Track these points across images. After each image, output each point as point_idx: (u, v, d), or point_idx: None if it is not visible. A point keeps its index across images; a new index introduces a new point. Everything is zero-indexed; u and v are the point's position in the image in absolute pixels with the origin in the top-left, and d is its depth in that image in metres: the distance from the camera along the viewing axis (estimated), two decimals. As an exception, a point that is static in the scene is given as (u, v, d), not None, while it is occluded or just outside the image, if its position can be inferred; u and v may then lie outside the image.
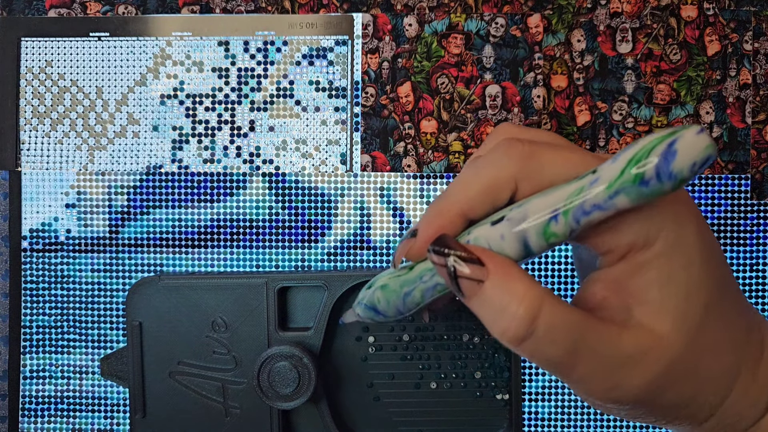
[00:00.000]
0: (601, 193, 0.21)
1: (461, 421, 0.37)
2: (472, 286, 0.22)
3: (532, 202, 0.22)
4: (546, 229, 0.21)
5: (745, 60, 0.41)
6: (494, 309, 0.21)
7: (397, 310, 0.24)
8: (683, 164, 0.19)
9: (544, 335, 0.21)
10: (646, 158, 0.20)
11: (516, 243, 0.22)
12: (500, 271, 0.21)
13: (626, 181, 0.20)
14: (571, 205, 0.21)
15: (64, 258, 0.42)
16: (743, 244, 0.41)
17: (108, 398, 0.42)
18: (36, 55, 0.42)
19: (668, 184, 0.20)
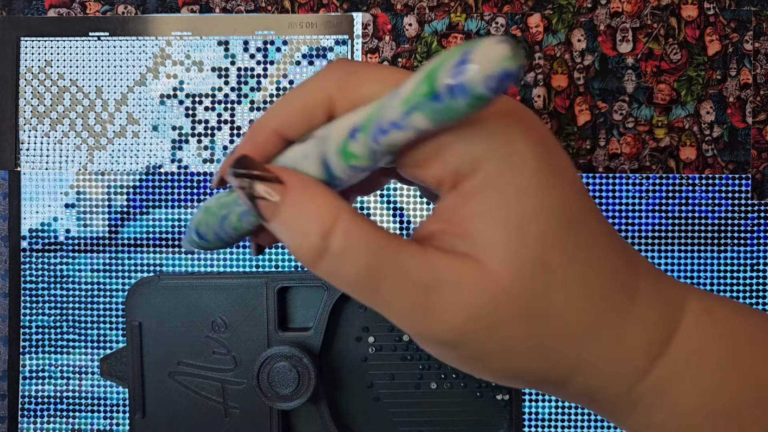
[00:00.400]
0: (397, 108, 0.18)
1: (461, 421, 0.37)
2: (270, 206, 0.20)
3: (338, 121, 0.20)
4: (345, 149, 0.20)
5: (745, 60, 0.41)
6: (290, 228, 0.20)
7: (216, 234, 0.23)
8: (476, 78, 0.16)
9: (340, 251, 0.19)
10: (439, 71, 0.17)
11: (317, 163, 0.20)
12: (298, 189, 0.20)
13: (419, 95, 0.18)
14: (369, 121, 0.19)
15: (64, 258, 0.42)
16: (744, 244, 0.41)
17: (107, 398, 0.42)
18: (35, 54, 0.42)
19: (462, 101, 0.17)
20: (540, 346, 0.20)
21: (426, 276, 0.19)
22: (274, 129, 0.22)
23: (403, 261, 0.19)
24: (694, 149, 0.41)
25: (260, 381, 0.35)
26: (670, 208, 0.41)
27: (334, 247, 0.19)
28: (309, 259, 0.20)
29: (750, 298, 0.41)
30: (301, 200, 0.20)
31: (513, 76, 0.17)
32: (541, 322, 0.20)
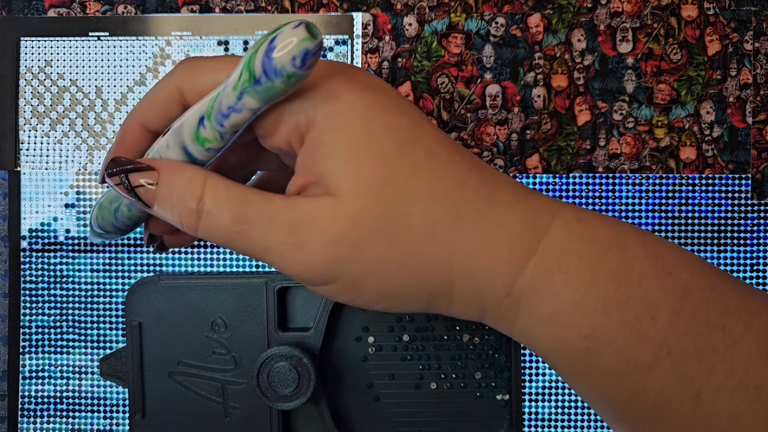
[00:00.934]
0: (230, 95, 0.21)
1: (461, 421, 0.37)
2: (148, 192, 0.23)
3: (188, 111, 0.23)
4: (198, 135, 0.23)
5: (745, 60, 0.41)
6: (170, 203, 0.23)
7: (114, 226, 0.26)
8: (284, 59, 0.20)
9: (212, 208, 0.22)
10: (254, 57, 0.20)
11: (178, 150, 0.23)
12: (168, 170, 0.23)
13: (243, 81, 0.21)
14: (212, 109, 0.22)
15: (64, 258, 0.42)
16: (744, 244, 0.41)
17: (107, 398, 0.42)
18: (35, 54, 0.42)
19: (278, 81, 0.20)
20: (408, 257, 0.22)
21: (289, 215, 0.22)
22: (139, 123, 0.25)
23: (267, 207, 0.22)
24: (694, 149, 0.41)
25: (260, 381, 0.35)
26: (670, 208, 0.41)
27: (206, 206, 0.22)
28: (191, 223, 0.23)
29: (750, 298, 0.41)
30: (173, 177, 0.23)
31: (314, 53, 0.20)
32: (401, 235, 0.22)
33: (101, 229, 0.26)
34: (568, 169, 0.42)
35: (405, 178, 0.22)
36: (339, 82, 0.22)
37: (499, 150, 0.42)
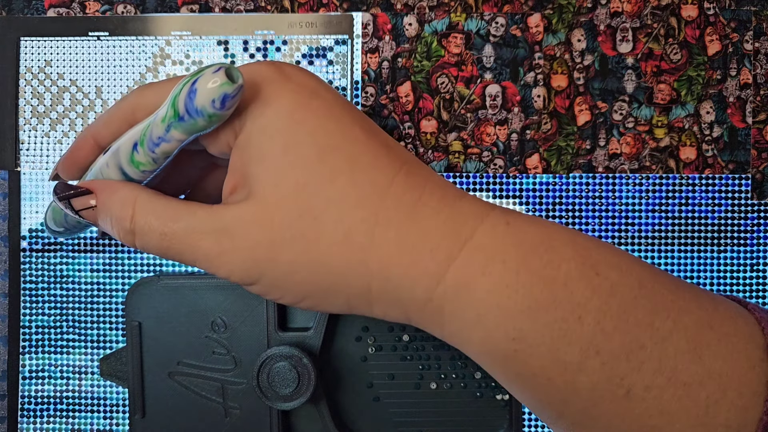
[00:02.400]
0: (160, 126, 0.23)
1: (461, 421, 0.37)
2: (90, 212, 0.25)
3: (125, 135, 0.25)
4: (132, 159, 0.25)
5: (745, 60, 0.41)
6: (109, 222, 0.25)
7: (64, 226, 0.28)
8: (204, 101, 0.21)
9: (143, 226, 0.24)
10: (178, 96, 0.22)
11: (116, 171, 0.25)
12: (103, 191, 0.25)
13: (170, 116, 0.23)
14: (144, 137, 0.24)
15: (64, 258, 0.42)
16: (744, 244, 0.41)
17: (107, 398, 0.42)
18: (35, 54, 0.42)
19: (200, 120, 0.22)
20: (319, 261, 0.23)
21: (210, 225, 0.23)
22: (92, 137, 0.27)
23: (191, 221, 0.24)
24: (694, 149, 0.41)
25: (260, 381, 0.35)
26: (670, 208, 0.41)
27: (137, 225, 0.24)
28: (129, 241, 0.25)
29: (750, 298, 0.41)
30: (107, 198, 0.25)
31: (233, 96, 0.21)
32: (313, 240, 0.23)
33: (56, 226, 0.28)
34: (568, 169, 0.42)
35: (321, 185, 0.23)
36: (271, 87, 0.23)
37: (499, 150, 0.42)
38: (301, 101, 0.23)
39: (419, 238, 0.23)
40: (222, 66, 0.22)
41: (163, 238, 0.24)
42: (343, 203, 0.23)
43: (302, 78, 0.24)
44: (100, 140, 0.26)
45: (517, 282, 0.22)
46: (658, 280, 0.23)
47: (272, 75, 0.24)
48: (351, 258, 0.23)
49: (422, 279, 0.23)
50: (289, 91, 0.23)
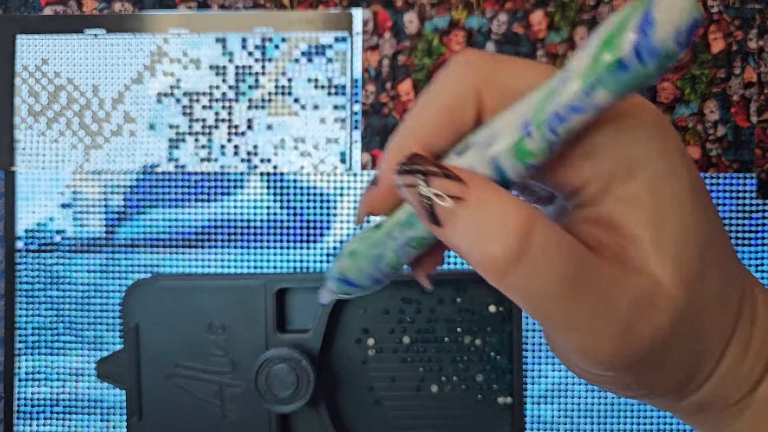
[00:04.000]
0: (576, 89, 0.17)
1: (463, 424, 0.37)
2: (448, 209, 0.18)
3: (498, 119, 0.18)
4: (520, 148, 0.18)
5: (749, 58, 0.41)
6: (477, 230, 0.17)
7: (372, 277, 0.21)
8: (666, 34, 0.15)
9: (540, 254, 0.17)
10: (621, 36, 0.16)
11: (489, 171, 0.18)
12: (482, 186, 0.18)
13: (602, 68, 0.16)
14: (544, 112, 0.17)
15: (60, 258, 0.42)
16: (748, 243, 0.41)
17: (104, 401, 0.42)
18: (31, 52, 0.42)
19: (652, 64, 0.16)
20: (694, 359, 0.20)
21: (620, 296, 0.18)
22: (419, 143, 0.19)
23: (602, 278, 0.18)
24: (698, 148, 0.41)
25: (258, 383, 0.35)
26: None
27: (534, 250, 0.17)
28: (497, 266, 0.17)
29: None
30: (490, 198, 0.17)
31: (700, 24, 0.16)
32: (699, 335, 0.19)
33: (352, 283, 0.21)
34: (570, 169, 0.41)
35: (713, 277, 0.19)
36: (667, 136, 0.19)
37: (500, 149, 0.41)
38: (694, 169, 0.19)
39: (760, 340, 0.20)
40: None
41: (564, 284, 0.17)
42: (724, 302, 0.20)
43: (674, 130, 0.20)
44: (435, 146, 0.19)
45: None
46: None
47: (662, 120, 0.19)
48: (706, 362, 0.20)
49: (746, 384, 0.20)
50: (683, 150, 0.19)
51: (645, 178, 0.18)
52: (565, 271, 0.17)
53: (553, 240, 0.17)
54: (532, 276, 0.17)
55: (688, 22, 0.15)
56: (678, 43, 0.16)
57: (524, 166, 0.18)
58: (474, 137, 0.18)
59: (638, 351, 0.18)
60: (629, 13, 0.16)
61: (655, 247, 0.18)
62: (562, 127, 0.17)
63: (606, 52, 0.16)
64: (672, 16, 0.15)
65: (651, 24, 0.15)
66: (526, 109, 0.18)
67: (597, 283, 0.18)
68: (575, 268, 0.17)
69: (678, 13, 0.15)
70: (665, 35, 0.15)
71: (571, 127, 0.17)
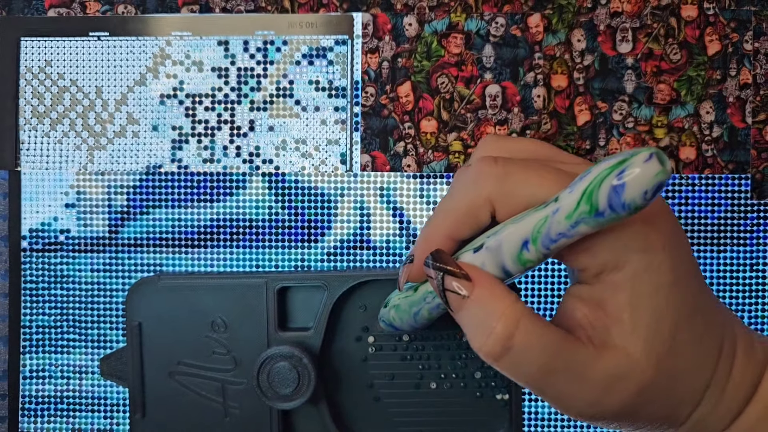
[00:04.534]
0: (563, 223, 0.21)
1: (461, 421, 0.37)
2: (458, 300, 0.23)
3: (505, 231, 0.23)
4: (520, 257, 0.23)
5: (745, 60, 0.41)
6: (475, 324, 0.23)
7: (411, 326, 0.28)
8: (634, 194, 0.19)
9: (520, 353, 0.22)
10: (598, 190, 0.20)
11: (496, 269, 0.23)
12: (485, 287, 0.23)
13: (583, 212, 0.21)
14: (539, 234, 0.22)
15: (64, 258, 0.42)
16: (743, 244, 0.41)
17: (107, 398, 0.42)
18: (35, 54, 0.42)
19: (623, 213, 0.20)
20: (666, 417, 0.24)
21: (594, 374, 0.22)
22: (446, 235, 0.25)
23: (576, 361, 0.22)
24: (693, 149, 0.41)
25: (260, 381, 0.35)
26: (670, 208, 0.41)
27: (516, 349, 0.22)
28: (489, 353, 0.23)
29: (749, 298, 0.41)
30: (487, 298, 0.23)
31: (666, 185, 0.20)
32: (668, 400, 0.23)
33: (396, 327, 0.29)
34: (567, 169, 0.42)
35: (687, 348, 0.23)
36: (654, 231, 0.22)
37: (499, 150, 0.42)
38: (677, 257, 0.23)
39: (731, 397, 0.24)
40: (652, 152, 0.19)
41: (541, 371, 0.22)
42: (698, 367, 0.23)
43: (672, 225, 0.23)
44: (457, 236, 0.25)
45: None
46: None
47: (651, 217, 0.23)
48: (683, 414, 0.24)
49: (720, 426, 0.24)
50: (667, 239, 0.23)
51: (629, 270, 0.22)
52: (543, 362, 0.22)
53: (533, 338, 0.22)
54: (515, 366, 0.23)
55: (654, 185, 0.19)
56: (645, 199, 0.19)
57: (524, 268, 0.23)
58: (488, 241, 0.24)
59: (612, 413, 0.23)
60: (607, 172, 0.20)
61: (632, 328, 0.22)
62: (552, 245, 0.22)
63: (586, 203, 0.20)
64: (641, 180, 0.19)
65: (623, 187, 0.19)
66: (526, 229, 0.22)
67: (572, 365, 0.22)
68: (552, 358, 0.22)
69: (646, 178, 0.19)
70: (634, 194, 0.19)
71: (559, 246, 0.22)
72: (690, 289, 0.23)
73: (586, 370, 0.22)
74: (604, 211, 0.20)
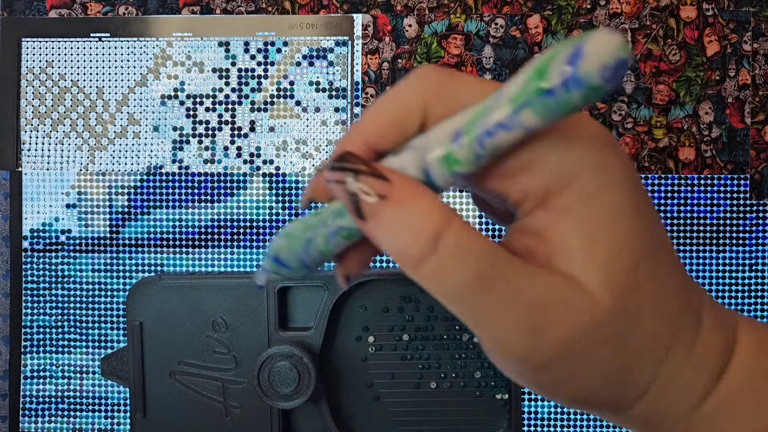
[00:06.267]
0: (505, 108, 0.18)
1: (461, 420, 0.37)
2: (372, 205, 0.19)
3: (437, 128, 0.20)
4: (448, 156, 0.19)
5: (744, 60, 0.41)
6: (395, 227, 0.19)
7: (300, 260, 0.22)
8: (591, 67, 0.16)
9: (449, 256, 0.18)
10: (550, 63, 0.17)
11: (418, 173, 0.20)
12: (404, 187, 0.19)
13: (530, 92, 0.17)
14: (474, 125, 0.18)
15: (65, 258, 0.42)
16: (742, 244, 0.41)
17: (108, 398, 0.42)
18: (37, 55, 0.42)
19: (577, 94, 0.17)
20: (623, 369, 0.20)
21: (533, 293, 0.19)
22: (365, 141, 0.20)
23: (514, 274, 0.19)
24: (692, 150, 0.42)
25: (261, 380, 0.35)
26: (669, 209, 0.42)
27: (445, 249, 0.18)
28: (413, 260, 0.19)
29: (748, 298, 0.41)
30: (410, 198, 0.19)
31: (626, 64, 0.17)
32: (627, 345, 0.19)
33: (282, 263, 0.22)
34: (567, 170, 0.42)
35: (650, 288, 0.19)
36: (609, 152, 0.19)
37: (498, 150, 0.42)
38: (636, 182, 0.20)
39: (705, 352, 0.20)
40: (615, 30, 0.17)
41: (476, 279, 0.18)
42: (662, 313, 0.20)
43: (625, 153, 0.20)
44: (378, 144, 0.20)
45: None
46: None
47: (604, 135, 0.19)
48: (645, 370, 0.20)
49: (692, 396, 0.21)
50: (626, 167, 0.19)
51: (578, 190, 0.19)
52: (476, 268, 0.18)
53: (465, 240, 0.18)
54: (441, 271, 0.18)
55: (614, 61, 0.16)
56: (603, 78, 0.17)
57: (450, 173, 0.19)
58: (412, 141, 0.20)
59: (551, 349, 0.19)
60: (563, 47, 0.17)
61: (584, 255, 0.19)
62: (489, 141, 0.18)
63: (535, 79, 0.17)
64: (600, 53, 0.16)
65: (579, 58, 0.17)
66: (460, 122, 0.19)
67: (508, 278, 0.18)
68: (486, 264, 0.18)
69: (606, 50, 0.16)
70: (591, 69, 0.16)
71: (498, 142, 0.18)
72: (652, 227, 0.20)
73: (525, 288, 0.18)
74: (554, 89, 0.17)
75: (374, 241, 0.20)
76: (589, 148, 0.19)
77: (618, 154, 0.20)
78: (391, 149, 0.20)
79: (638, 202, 0.19)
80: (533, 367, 0.19)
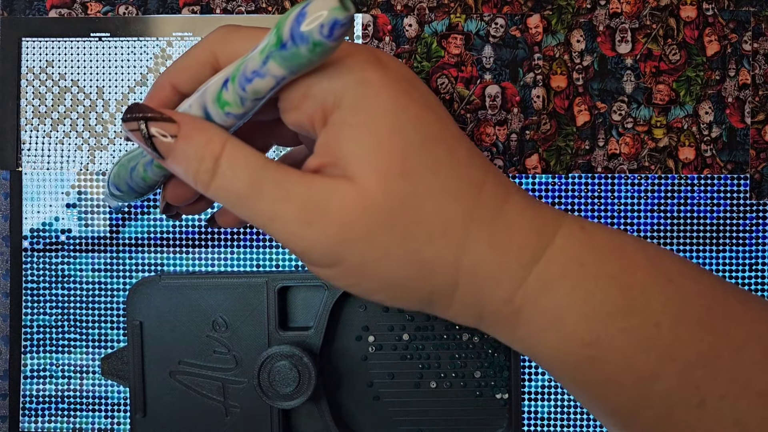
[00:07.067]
0: (257, 59, 0.21)
1: (461, 420, 0.37)
2: (167, 144, 0.22)
3: (216, 74, 0.23)
4: (219, 97, 0.23)
5: (744, 60, 0.41)
6: (186, 158, 0.22)
7: (128, 185, 0.26)
8: (311, 26, 0.20)
9: (227, 170, 0.22)
10: (285, 22, 0.21)
11: (199, 111, 0.23)
12: (189, 125, 0.22)
13: (271, 45, 0.21)
14: (237, 72, 0.22)
15: (65, 258, 0.42)
16: (742, 243, 0.41)
17: (108, 398, 0.42)
18: (37, 55, 0.43)
19: (303, 47, 0.20)
20: (415, 252, 0.22)
21: (303, 191, 0.22)
22: (170, 83, 0.25)
23: (283, 179, 0.22)
24: (692, 149, 0.42)
25: (261, 380, 0.35)
26: (669, 208, 0.42)
27: (223, 167, 0.22)
28: (204, 181, 0.22)
29: (748, 298, 0.41)
30: (193, 133, 0.22)
31: (343, 24, 0.20)
32: (413, 229, 0.22)
33: (116, 188, 0.26)
34: (567, 170, 0.42)
35: (424, 173, 0.22)
36: (371, 68, 0.22)
37: (498, 150, 0.42)
38: (401, 88, 0.22)
39: (507, 238, 0.22)
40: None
41: (249, 186, 0.22)
42: (445, 195, 0.22)
43: (398, 66, 0.23)
44: (179, 86, 0.25)
45: (595, 286, 0.22)
46: (727, 290, 0.23)
47: (369, 57, 0.23)
48: (445, 252, 0.22)
49: (506, 279, 0.22)
50: (388, 77, 0.22)
51: (346, 105, 0.22)
52: (248, 178, 0.22)
53: (239, 158, 0.22)
54: (224, 184, 0.22)
55: (330, 20, 0.20)
56: (322, 35, 0.20)
57: (224, 113, 0.23)
58: (201, 87, 0.24)
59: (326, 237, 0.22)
60: (294, 8, 0.21)
61: (356, 156, 0.22)
62: (249, 85, 0.22)
63: (275, 33, 0.21)
64: (318, 13, 0.20)
65: (303, 17, 0.20)
66: (229, 69, 0.23)
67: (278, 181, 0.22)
68: (257, 174, 0.22)
69: (323, 12, 0.20)
70: (311, 26, 0.20)
71: (256, 87, 0.22)
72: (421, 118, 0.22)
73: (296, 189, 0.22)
74: (287, 42, 0.21)
75: (176, 174, 0.23)
76: (352, 69, 0.22)
77: (381, 67, 0.22)
78: (191, 91, 0.24)
79: (403, 102, 0.22)
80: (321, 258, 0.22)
